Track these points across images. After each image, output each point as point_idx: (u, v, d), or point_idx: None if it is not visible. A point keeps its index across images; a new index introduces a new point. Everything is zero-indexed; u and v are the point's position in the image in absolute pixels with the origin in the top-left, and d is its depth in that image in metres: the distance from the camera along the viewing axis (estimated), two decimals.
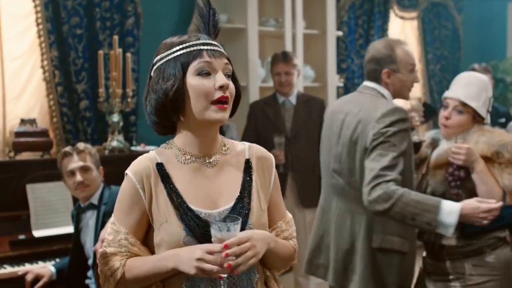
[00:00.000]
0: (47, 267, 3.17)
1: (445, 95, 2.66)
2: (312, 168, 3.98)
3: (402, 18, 6.21)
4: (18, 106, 3.98)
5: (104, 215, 2.98)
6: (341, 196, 2.71)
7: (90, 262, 3.04)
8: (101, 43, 4.19)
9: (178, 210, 1.58)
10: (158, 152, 1.67)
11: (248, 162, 1.70)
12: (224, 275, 1.52)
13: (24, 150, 3.73)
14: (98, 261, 1.64)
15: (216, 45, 1.63)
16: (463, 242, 2.56)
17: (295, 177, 4.09)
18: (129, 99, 4.01)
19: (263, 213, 1.68)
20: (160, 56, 1.63)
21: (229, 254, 1.48)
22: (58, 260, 3.32)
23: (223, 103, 1.58)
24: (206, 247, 1.51)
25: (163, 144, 1.70)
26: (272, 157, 1.77)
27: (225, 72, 1.61)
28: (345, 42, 5.62)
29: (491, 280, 2.55)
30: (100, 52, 3.91)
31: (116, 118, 3.97)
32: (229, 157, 1.69)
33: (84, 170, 3.04)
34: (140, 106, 4.34)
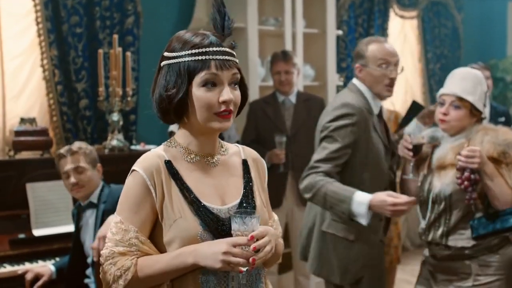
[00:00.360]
0: (47, 266, 3.18)
1: (441, 92, 2.66)
2: None
3: (402, 17, 6.21)
4: (18, 105, 3.98)
5: (103, 214, 2.98)
6: None
7: (89, 260, 3.04)
8: (101, 42, 4.19)
9: (192, 206, 1.60)
10: (163, 149, 1.68)
11: (246, 163, 1.75)
12: (244, 269, 1.53)
13: (24, 149, 3.73)
14: (103, 263, 1.61)
15: (226, 52, 1.62)
16: (469, 243, 2.56)
17: (295, 176, 4.09)
18: (129, 98, 4.00)
19: (265, 210, 1.74)
20: (171, 54, 1.63)
21: (256, 248, 1.51)
22: (58, 259, 3.32)
23: (226, 113, 1.61)
24: (232, 241, 1.52)
25: (166, 142, 1.71)
26: (264, 160, 1.83)
27: (232, 81, 1.62)
28: (345, 41, 5.62)
29: (498, 279, 2.55)
30: (100, 51, 3.91)
31: (116, 117, 3.97)
32: (227, 157, 1.73)
33: (77, 171, 3.05)
34: (140, 105, 4.35)
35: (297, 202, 4.11)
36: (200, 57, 1.59)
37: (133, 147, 4.15)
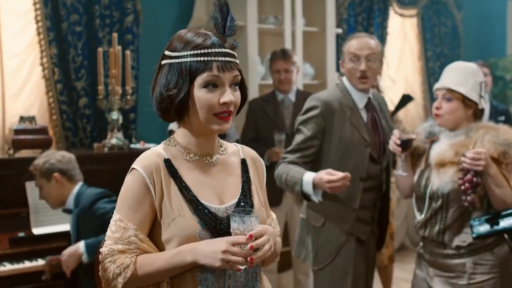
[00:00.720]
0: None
1: (434, 87, 2.68)
2: None
3: (401, 15, 6.21)
4: (17, 104, 3.98)
5: (77, 218, 3.07)
6: None
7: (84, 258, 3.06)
8: (100, 41, 4.18)
9: (191, 204, 1.60)
10: (163, 148, 1.68)
11: (244, 162, 1.76)
12: (242, 267, 1.54)
13: (23, 148, 3.73)
14: (102, 260, 1.62)
15: (228, 54, 1.62)
16: (464, 242, 2.57)
17: None
18: (128, 97, 4.00)
19: (263, 209, 1.74)
20: (173, 53, 1.62)
21: (254, 247, 1.52)
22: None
23: (226, 114, 1.62)
24: (231, 240, 1.53)
25: (165, 141, 1.72)
26: (262, 160, 1.84)
27: (233, 83, 1.63)
28: (344, 39, 5.60)
29: (493, 278, 2.55)
30: (100, 49, 3.91)
31: (115, 115, 3.97)
32: (226, 157, 1.74)
33: (39, 190, 3.22)
34: (140, 103, 4.34)
35: (296, 200, 4.11)
36: (202, 58, 1.59)
37: (132, 145, 4.15)
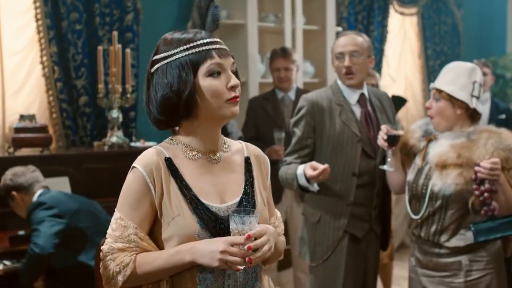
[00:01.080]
0: None
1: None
2: None
3: (401, 13, 6.20)
4: (17, 102, 3.98)
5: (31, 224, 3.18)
6: None
7: None
8: (100, 39, 4.18)
9: (191, 203, 1.60)
10: (164, 147, 1.67)
11: (248, 160, 1.75)
12: (241, 267, 1.54)
13: (23, 146, 3.73)
14: (103, 258, 1.62)
15: (221, 42, 1.64)
16: (460, 243, 2.57)
17: None
18: (128, 95, 4.00)
19: (265, 208, 1.73)
20: (164, 54, 1.63)
21: (252, 247, 1.51)
22: None
23: (235, 98, 1.63)
24: (229, 240, 1.52)
25: (167, 139, 1.71)
26: (267, 157, 1.83)
27: (232, 70, 1.64)
28: None
29: (488, 273, 2.57)
30: (100, 48, 3.91)
31: (115, 114, 3.97)
32: (230, 154, 1.72)
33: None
34: (140, 102, 4.34)
35: (296, 198, 4.11)
36: (200, 48, 1.60)
37: (132, 143, 4.15)
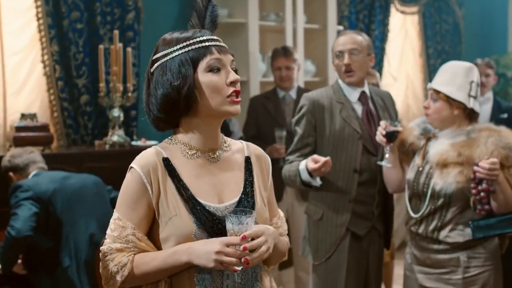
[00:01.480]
0: None
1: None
2: None
3: (403, 12, 6.20)
4: (18, 101, 3.98)
5: None
6: None
7: None
8: (101, 38, 4.18)
9: (188, 204, 1.59)
10: (163, 147, 1.67)
11: (248, 160, 1.73)
12: (239, 268, 1.53)
13: (24, 145, 3.71)
14: (102, 258, 1.62)
15: (220, 40, 1.65)
16: (458, 236, 2.57)
17: None
18: (129, 94, 4.00)
19: (265, 208, 1.71)
20: (164, 52, 1.63)
21: (247, 248, 1.50)
22: None
23: (235, 95, 1.63)
24: (225, 240, 1.52)
25: (166, 139, 1.71)
26: (268, 156, 1.81)
27: (232, 67, 1.64)
28: None
29: (487, 270, 2.58)
30: (101, 46, 3.91)
31: (116, 112, 3.97)
32: (230, 154, 1.71)
33: None
34: (141, 101, 4.32)
35: (297, 197, 4.12)
36: (200, 45, 1.61)
37: (134, 142, 4.15)
